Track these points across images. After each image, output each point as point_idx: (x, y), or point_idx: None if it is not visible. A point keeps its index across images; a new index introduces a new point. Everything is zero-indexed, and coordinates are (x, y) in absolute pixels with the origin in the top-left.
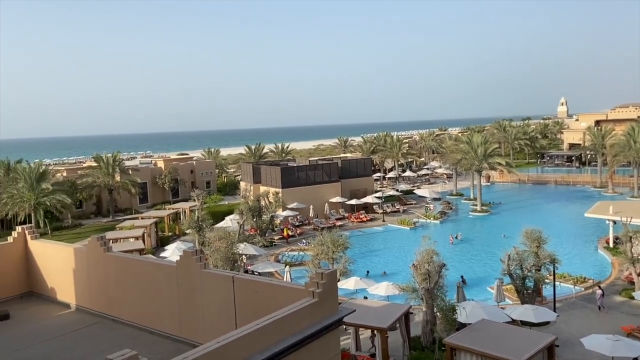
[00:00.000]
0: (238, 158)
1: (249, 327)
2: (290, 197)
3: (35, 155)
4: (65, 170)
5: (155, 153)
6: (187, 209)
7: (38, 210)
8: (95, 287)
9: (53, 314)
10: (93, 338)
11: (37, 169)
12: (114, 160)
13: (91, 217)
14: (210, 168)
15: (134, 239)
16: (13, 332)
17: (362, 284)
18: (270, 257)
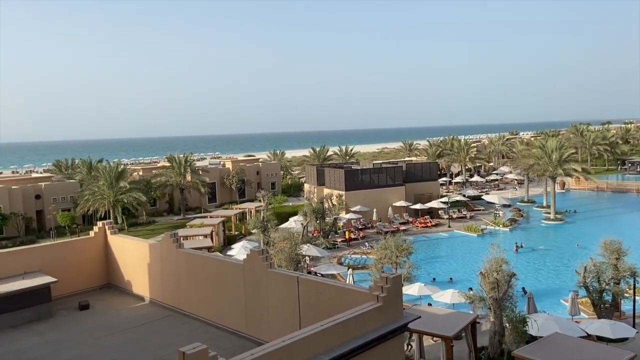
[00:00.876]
0: (302, 160)
1: (314, 328)
2: (353, 200)
3: (114, 155)
4: (141, 170)
5: (224, 154)
6: (252, 209)
7: (116, 207)
8: (167, 281)
9: (129, 305)
10: (165, 330)
11: (116, 168)
12: (185, 161)
13: (164, 215)
14: (276, 170)
15: (202, 237)
16: (93, 322)
17: (427, 291)
18: (333, 259)
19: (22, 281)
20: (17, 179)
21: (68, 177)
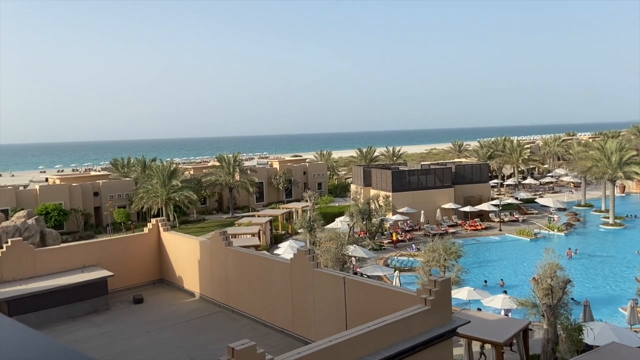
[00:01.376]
0: (349, 161)
1: (360, 329)
2: (400, 201)
3: (167, 154)
4: (192, 169)
5: (271, 154)
6: (299, 209)
7: (169, 205)
8: (217, 278)
9: (180, 300)
10: (214, 326)
11: (169, 167)
12: (234, 161)
13: (213, 213)
14: (322, 170)
15: (250, 236)
16: (146, 315)
17: (476, 295)
18: (379, 261)
19: (81, 274)
20: (77, 177)
21: (124, 175)
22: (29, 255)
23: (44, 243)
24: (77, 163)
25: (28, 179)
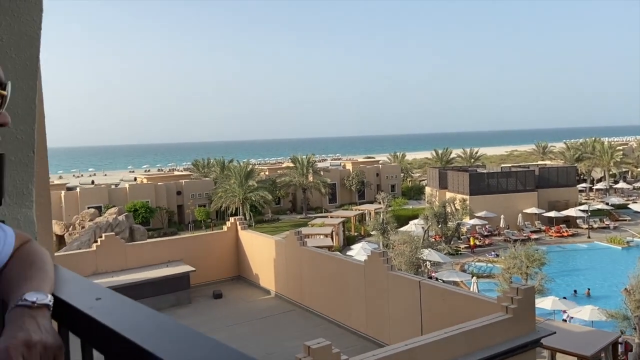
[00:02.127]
0: (424, 163)
1: (437, 335)
2: (478, 205)
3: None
4: (267, 170)
5: (344, 156)
6: (372, 210)
7: (245, 204)
8: (291, 277)
9: (256, 297)
10: (289, 324)
11: (245, 168)
12: (308, 162)
13: (287, 213)
14: (396, 172)
15: (323, 236)
16: (225, 310)
17: (561, 305)
18: (456, 266)
19: (166, 269)
20: (162, 177)
21: (204, 175)
22: (120, 249)
23: (132, 238)
24: (162, 163)
25: (119, 178)
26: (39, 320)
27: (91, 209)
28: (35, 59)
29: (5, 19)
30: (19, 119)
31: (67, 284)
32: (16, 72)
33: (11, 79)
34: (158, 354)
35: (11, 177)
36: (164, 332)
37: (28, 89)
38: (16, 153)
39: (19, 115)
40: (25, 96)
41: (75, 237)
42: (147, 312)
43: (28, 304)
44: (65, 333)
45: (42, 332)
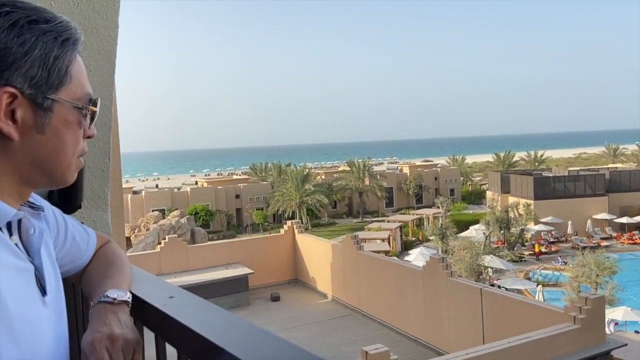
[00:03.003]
0: (485, 166)
1: (500, 344)
2: (543, 210)
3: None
4: (324, 174)
5: (401, 159)
6: (430, 215)
7: (302, 208)
8: (348, 281)
9: (313, 301)
10: (346, 328)
11: (302, 172)
12: (364, 166)
13: (343, 217)
14: (455, 175)
15: (380, 241)
16: (283, 313)
17: (634, 316)
18: (519, 274)
19: (225, 270)
20: (221, 180)
21: (262, 179)
22: (182, 251)
23: (193, 240)
24: (221, 168)
25: (181, 182)
26: (119, 316)
27: (155, 212)
28: (111, 72)
29: (85, 36)
30: (97, 127)
31: (142, 282)
32: (94, 85)
33: None
34: (229, 349)
35: (89, 182)
36: (234, 330)
37: (105, 100)
38: (94, 159)
39: (96, 124)
40: (103, 107)
41: (140, 238)
42: (217, 310)
43: (109, 300)
44: (140, 328)
45: (123, 326)
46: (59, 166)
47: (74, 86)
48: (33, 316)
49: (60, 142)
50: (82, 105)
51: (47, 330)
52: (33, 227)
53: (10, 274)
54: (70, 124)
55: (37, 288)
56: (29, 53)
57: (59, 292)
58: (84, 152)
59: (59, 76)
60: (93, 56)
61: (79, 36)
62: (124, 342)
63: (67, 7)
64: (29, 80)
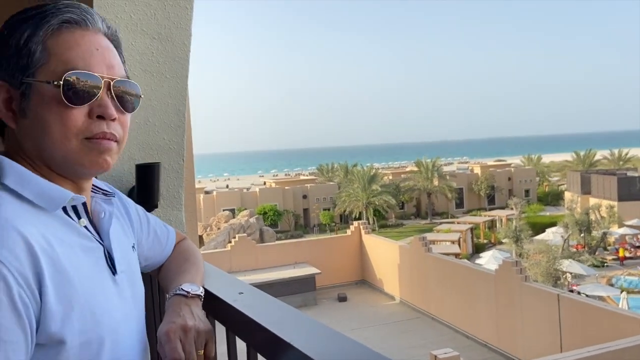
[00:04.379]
0: (563, 166)
1: (579, 353)
2: (629, 213)
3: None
4: (391, 174)
5: (472, 159)
6: (503, 217)
7: (368, 209)
8: (416, 284)
9: (381, 302)
10: (414, 331)
11: (369, 172)
12: (433, 166)
13: (411, 218)
14: (530, 176)
15: (450, 243)
16: (350, 314)
17: None
18: (601, 279)
19: (293, 270)
20: (289, 181)
21: (328, 179)
22: (251, 250)
23: (262, 240)
24: (288, 168)
25: (250, 182)
26: (192, 309)
27: (226, 211)
28: (185, 78)
29: (162, 44)
30: (172, 131)
31: (214, 278)
32: (169, 90)
33: (165, 96)
34: (296, 345)
35: (164, 183)
36: (302, 327)
37: (179, 105)
38: (169, 161)
39: (171, 127)
40: (177, 111)
41: (212, 237)
42: (285, 307)
43: (184, 294)
44: (212, 321)
45: (196, 318)
46: (55, 149)
47: (53, 64)
48: (98, 290)
49: (42, 124)
50: (56, 81)
51: (116, 305)
52: (104, 211)
53: (76, 253)
54: (49, 104)
55: (107, 266)
56: (6, 44)
57: (133, 274)
58: (91, 133)
59: (30, 58)
60: (168, 63)
61: (74, 15)
62: (197, 333)
63: (145, 18)
64: (4, 69)
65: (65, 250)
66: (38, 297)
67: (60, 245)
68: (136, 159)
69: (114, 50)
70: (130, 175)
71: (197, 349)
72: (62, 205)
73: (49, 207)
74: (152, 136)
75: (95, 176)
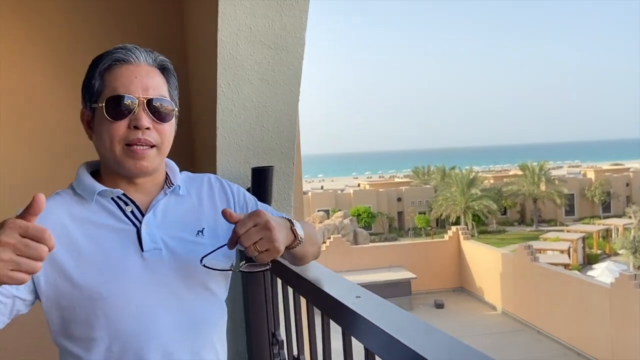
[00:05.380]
0: None
1: None
2: None
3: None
4: (492, 178)
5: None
6: (620, 226)
7: (467, 214)
8: (521, 294)
9: (481, 312)
10: (518, 345)
11: (468, 175)
12: (539, 170)
13: (514, 225)
14: None
15: (558, 252)
16: (447, 322)
17: None
18: None
19: (388, 273)
20: (383, 183)
21: (424, 182)
22: (346, 251)
23: (356, 241)
24: (382, 170)
25: (344, 184)
26: (286, 232)
27: (320, 212)
28: (297, 86)
29: (277, 53)
30: (284, 136)
31: (332, 282)
32: (283, 97)
33: (278, 103)
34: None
35: (276, 185)
36: (420, 331)
37: (291, 111)
38: (280, 165)
39: (283, 133)
40: (289, 117)
41: None
42: (400, 311)
43: (286, 217)
44: (328, 322)
45: (279, 237)
46: (107, 153)
47: (106, 91)
48: (115, 261)
49: (99, 135)
50: (102, 103)
51: (138, 274)
52: (158, 201)
53: (100, 229)
54: (101, 119)
55: (137, 244)
56: (84, 81)
57: (179, 254)
58: (129, 139)
59: (94, 89)
60: (282, 71)
61: (120, 55)
62: (267, 239)
63: (263, 29)
64: (85, 99)
65: (85, 226)
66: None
67: (83, 222)
68: (251, 162)
69: (154, 77)
70: (246, 177)
71: (258, 248)
72: (94, 195)
73: (88, 197)
74: (266, 141)
75: (140, 176)
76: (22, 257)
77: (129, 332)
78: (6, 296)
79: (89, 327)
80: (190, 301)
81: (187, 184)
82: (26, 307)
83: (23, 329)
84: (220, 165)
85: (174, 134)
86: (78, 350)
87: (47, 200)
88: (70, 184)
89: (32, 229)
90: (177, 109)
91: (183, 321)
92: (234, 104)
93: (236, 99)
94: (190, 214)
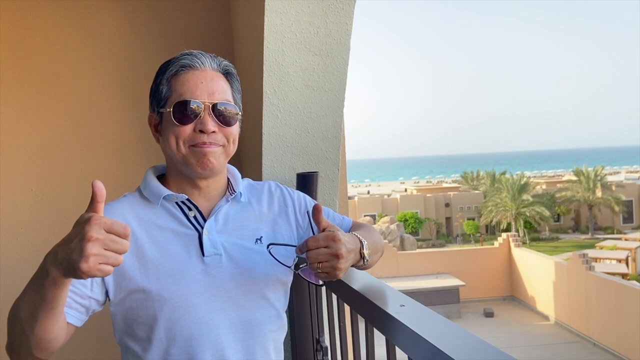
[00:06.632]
0: None
1: None
2: None
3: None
4: (545, 183)
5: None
6: None
7: (518, 220)
8: (575, 305)
9: (533, 322)
10: (572, 357)
11: (519, 181)
12: (595, 175)
13: (568, 232)
14: None
15: (616, 261)
16: (497, 331)
17: None
18: None
19: (435, 280)
20: (430, 188)
21: (473, 188)
22: (393, 257)
23: (403, 247)
24: (430, 175)
25: (390, 189)
26: (354, 254)
27: (367, 217)
28: (342, 91)
29: (322, 60)
30: (329, 141)
31: (376, 289)
32: (328, 103)
33: (323, 109)
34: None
35: (321, 191)
36: (466, 343)
37: (336, 117)
38: (325, 170)
39: (328, 138)
40: (334, 122)
41: None
42: (447, 322)
43: (360, 240)
44: (371, 329)
45: (347, 260)
46: (174, 155)
47: (173, 96)
48: (177, 264)
49: (166, 138)
50: (169, 108)
51: (198, 278)
52: (220, 207)
53: (164, 232)
54: (169, 123)
55: (199, 249)
56: (152, 87)
57: (239, 259)
58: (194, 142)
59: (161, 94)
60: (328, 78)
61: (186, 61)
62: (334, 263)
63: (309, 36)
64: (153, 104)
65: (150, 228)
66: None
67: (148, 225)
68: (296, 167)
69: (219, 82)
70: (291, 183)
71: (320, 267)
72: (159, 199)
73: (154, 200)
74: (311, 146)
75: (205, 176)
76: (109, 251)
77: (186, 335)
78: (83, 297)
79: (149, 328)
80: (247, 308)
81: (249, 191)
82: (100, 307)
83: (87, 326)
84: (265, 170)
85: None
86: (138, 348)
87: (115, 203)
88: (137, 187)
89: (116, 226)
90: (241, 113)
91: (239, 327)
92: (280, 110)
93: (282, 105)
94: (250, 221)
